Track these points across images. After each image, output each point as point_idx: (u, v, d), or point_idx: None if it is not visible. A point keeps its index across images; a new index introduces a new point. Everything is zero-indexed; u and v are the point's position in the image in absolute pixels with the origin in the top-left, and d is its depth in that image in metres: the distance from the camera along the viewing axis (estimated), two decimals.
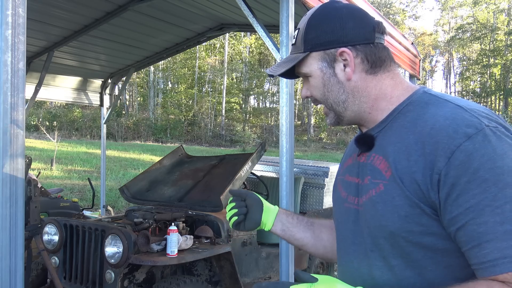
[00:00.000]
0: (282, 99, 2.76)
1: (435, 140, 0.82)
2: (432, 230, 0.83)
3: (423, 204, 0.83)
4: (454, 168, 0.78)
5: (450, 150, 0.79)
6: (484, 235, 0.76)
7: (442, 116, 0.85)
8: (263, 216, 1.28)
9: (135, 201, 3.80)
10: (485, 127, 0.80)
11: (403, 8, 47.23)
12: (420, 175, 0.83)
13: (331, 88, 0.98)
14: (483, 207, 0.76)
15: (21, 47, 1.71)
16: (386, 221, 0.87)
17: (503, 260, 0.74)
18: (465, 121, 0.81)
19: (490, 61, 37.63)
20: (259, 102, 43.24)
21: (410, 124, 0.90)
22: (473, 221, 0.77)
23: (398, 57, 4.96)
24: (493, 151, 0.77)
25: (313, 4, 2.94)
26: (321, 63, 0.98)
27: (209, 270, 3.37)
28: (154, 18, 4.90)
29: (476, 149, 0.77)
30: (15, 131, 1.71)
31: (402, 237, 0.86)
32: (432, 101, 0.91)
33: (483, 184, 0.76)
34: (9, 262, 1.69)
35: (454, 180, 0.78)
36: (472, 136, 0.79)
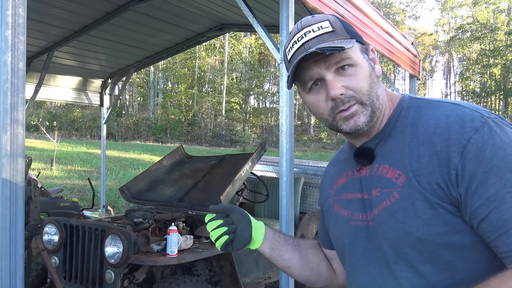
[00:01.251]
0: (282, 99, 2.76)
1: (444, 138, 0.83)
2: (458, 227, 0.83)
3: (445, 203, 0.82)
4: (469, 161, 0.79)
5: (462, 144, 0.80)
6: (510, 221, 0.75)
7: (443, 115, 0.86)
8: (252, 233, 1.14)
9: (135, 201, 3.80)
10: (487, 119, 0.82)
11: (403, 8, 47.25)
12: (437, 175, 0.83)
13: (374, 80, 0.94)
14: (504, 194, 0.76)
15: (21, 47, 1.71)
16: (410, 228, 0.85)
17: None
18: (468, 116, 0.83)
19: (490, 61, 37.63)
20: (259, 102, 43.24)
21: (409, 129, 0.91)
22: (496, 209, 0.77)
23: (398, 57, 4.96)
24: (500, 140, 0.79)
25: (313, 4, 2.94)
26: (364, 55, 0.95)
27: (209, 270, 3.37)
28: (154, 18, 4.90)
29: (485, 140, 0.79)
30: (15, 131, 1.71)
31: (429, 241, 0.84)
32: (424, 105, 0.93)
33: (499, 172, 0.77)
34: (9, 262, 1.69)
35: (471, 173, 0.79)
36: (479, 128, 0.81)
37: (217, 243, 1.11)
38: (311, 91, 0.95)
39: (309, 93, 0.96)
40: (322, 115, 0.95)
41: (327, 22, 0.93)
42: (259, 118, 39.09)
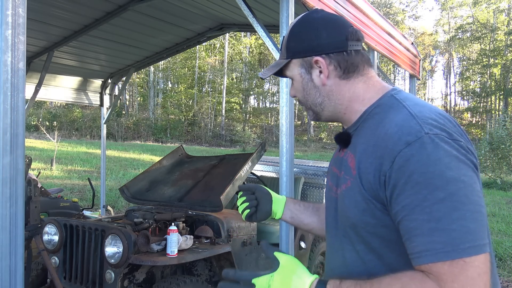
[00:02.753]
0: (282, 99, 2.76)
1: (384, 145, 0.93)
2: (385, 223, 0.94)
3: (375, 201, 0.94)
4: (395, 171, 0.89)
5: (393, 155, 0.89)
6: (414, 230, 0.86)
7: (394, 122, 0.95)
8: (273, 206, 1.40)
9: (135, 201, 3.79)
10: (424, 135, 0.88)
11: (403, 8, 47.25)
12: (372, 176, 0.94)
13: (309, 91, 1.12)
14: (414, 206, 0.86)
15: (21, 47, 1.71)
16: (349, 213, 1.00)
17: (426, 252, 0.84)
18: (408, 129, 0.91)
19: (490, 61, 37.62)
20: (259, 102, 43.24)
21: (374, 127, 1.01)
22: (406, 217, 0.87)
23: (398, 57, 4.96)
24: (427, 157, 0.86)
25: (313, 4, 2.94)
26: (300, 69, 1.11)
27: (209, 270, 3.37)
28: (154, 18, 4.90)
29: (412, 155, 0.87)
30: (15, 131, 1.71)
31: (361, 228, 0.98)
32: (394, 106, 1.01)
33: (416, 187, 0.85)
34: (9, 262, 1.69)
35: (395, 182, 0.89)
36: (411, 143, 0.88)
37: (242, 215, 1.39)
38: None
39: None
40: None
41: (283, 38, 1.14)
42: (259, 118, 39.09)
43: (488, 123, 36.06)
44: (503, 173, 15.50)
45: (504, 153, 15.52)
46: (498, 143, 15.87)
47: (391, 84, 6.64)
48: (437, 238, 0.82)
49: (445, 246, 0.82)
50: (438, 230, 0.82)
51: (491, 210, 9.61)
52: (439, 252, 0.82)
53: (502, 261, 5.71)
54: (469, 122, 41.47)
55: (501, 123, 17.60)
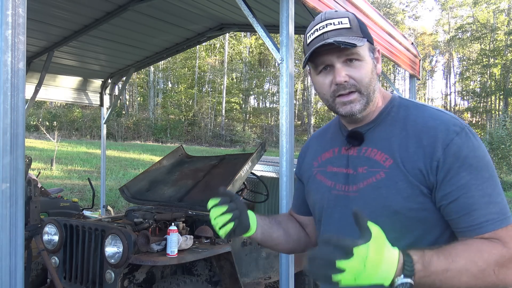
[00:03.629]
0: (282, 99, 2.76)
1: (431, 135, 1.04)
2: (426, 206, 1.05)
3: (422, 186, 1.04)
4: (449, 156, 1.02)
5: (445, 143, 1.02)
6: (472, 205, 1.00)
7: (429, 117, 1.08)
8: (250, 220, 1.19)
9: (135, 201, 3.79)
10: (465, 127, 1.06)
11: (403, 8, 47.24)
12: (421, 163, 1.04)
13: (374, 76, 1.13)
14: (471, 185, 1.00)
15: (21, 47, 1.71)
16: (390, 202, 1.06)
17: (487, 222, 0.99)
18: (451, 121, 1.06)
19: (490, 61, 37.61)
20: (259, 102, 43.24)
21: (400, 123, 1.11)
22: (464, 195, 1.01)
23: (398, 57, 4.96)
24: (472, 144, 1.03)
25: (313, 4, 2.94)
26: (370, 53, 1.13)
27: (209, 270, 3.37)
28: (154, 18, 4.90)
29: (463, 143, 1.03)
30: (15, 131, 1.71)
31: (403, 214, 1.06)
32: (412, 105, 1.14)
33: (469, 168, 1.01)
34: (9, 262, 1.69)
35: (449, 166, 1.02)
36: (459, 133, 1.04)
37: (221, 231, 1.14)
38: (320, 73, 1.13)
39: (318, 75, 1.14)
40: (325, 96, 1.14)
41: (346, 19, 1.11)
42: (259, 118, 39.09)
43: (488, 123, 36.07)
44: (503, 173, 15.50)
45: (504, 153, 15.53)
46: (498, 143, 15.88)
47: (391, 84, 6.62)
48: (492, 209, 1.00)
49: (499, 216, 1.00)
50: (491, 203, 1.00)
51: None
52: (497, 221, 0.99)
53: None
54: (469, 122, 41.46)
55: (501, 123, 17.61)
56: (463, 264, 0.95)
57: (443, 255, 0.95)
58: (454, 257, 0.95)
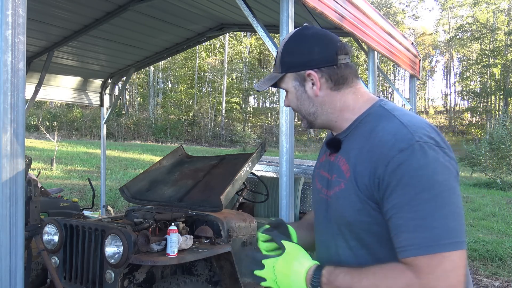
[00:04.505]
0: (282, 99, 2.76)
1: (379, 151, 1.03)
2: (379, 221, 1.04)
3: (370, 201, 1.04)
4: (388, 174, 0.99)
5: (387, 160, 1.00)
6: (400, 226, 0.97)
7: (387, 131, 1.05)
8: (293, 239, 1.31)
9: (135, 201, 3.79)
10: (415, 142, 0.99)
11: (403, 8, 47.24)
12: (367, 179, 1.04)
13: (303, 102, 1.21)
14: (403, 205, 0.97)
15: (21, 47, 1.71)
16: (345, 213, 1.10)
17: (410, 247, 0.94)
18: (401, 136, 1.02)
19: (490, 61, 37.61)
20: (259, 102, 43.25)
21: (367, 134, 1.10)
22: (395, 215, 0.98)
23: (398, 57, 4.96)
24: (417, 162, 0.97)
25: (313, 4, 2.94)
26: (294, 82, 1.20)
27: (209, 270, 3.37)
28: (154, 18, 4.90)
29: (404, 160, 0.98)
30: (15, 131, 1.71)
31: (356, 226, 1.08)
32: (385, 115, 1.11)
33: (405, 188, 0.97)
34: (9, 262, 1.69)
35: (387, 183, 0.99)
36: (404, 150, 0.99)
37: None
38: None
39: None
40: None
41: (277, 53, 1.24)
42: (259, 118, 39.10)
43: (488, 123, 36.06)
44: (503, 173, 15.49)
45: (504, 153, 15.51)
46: (498, 143, 15.87)
47: (391, 84, 6.63)
48: (420, 234, 0.93)
49: (427, 241, 0.93)
50: (422, 227, 0.94)
51: (491, 210, 9.62)
52: (420, 247, 0.93)
53: (502, 261, 5.71)
54: (469, 122, 41.47)
55: (501, 123, 17.60)
56: (366, 285, 0.98)
57: (350, 274, 1.02)
58: (360, 277, 1.00)
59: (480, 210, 9.72)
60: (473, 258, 5.83)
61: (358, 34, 3.77)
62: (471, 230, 7.54)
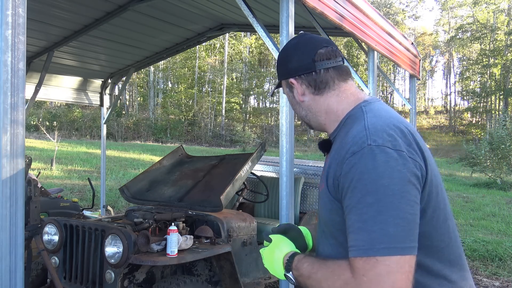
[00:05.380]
0: (282, 99, 2.76)
1: (340, 154, 1.07)
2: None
3: (337, 202, 1.07)
4: (342, 177, 1.04)
5: (343, 162, 1.04)
6: (348, 227, 1.01)
7: (352, 133, 1.09)
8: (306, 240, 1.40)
9: (135, 201, 3.79)
10: (366, 146, 1.01)
11: (403, 8, 47.23)
12: (332, 180, 1.09)
13: (294, 107, 1.33)
14: (351, 208, 1.00)
15: (21, 47, 1.71)
16: (321, 213, 1.17)
17: (351, 248, 0.98)
18: (357, 139, 1.04)
19: (490, 61, 37.61)
20: (259, 102, 43.25)
21: (343, 136, 1.14)
22: (347, 216, 1.02)
23: (398, 57, 4.96)
24: (364, 166, 0.99)
25: (313, 4, 2.94)
26: (286, 89, 1.32)
27: (209, 270, 3.37)
28: (154, 18, 4.90)
29: (354, 164, 1.01)
30: (15, 131, 1.71)
31: (330, 225, 1.13)
32: (359, 117, 1.14)
33: (354, 191, 1.00)
34: (9, 262, 1.69)
35: (342, 186, 1.04)
36: (356, 153, 1.02)
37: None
38: None
39: None
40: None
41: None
42: (259, 118, 39.10)
43: (488, 123, 36.06)
44: (503, 173, 15.48)
45: (504, 153, 15.50)
46: (498, 143, 15.86)
47: (391, 84, 6.63)
48: (360, 236, 0.97)
49: (364, 244, 0.95)
50: (362, 230, 0.97)
51: (491, 210, 9.62)
52: (359, 249, 0.96)
53: (502, 261, 5.71)
54: (469, 122, 41.46)
55: (501, 123, 17.59)
56: (319, 277, 1.05)
57: (311, 265, 1.10)
58: (318, 269, 1.07)
59: (480, 210, 9.72)
60: (473, 258, 5.83)
61: (358, 34, 3.77)
62: (471, 230, 7.54)
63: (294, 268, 1.15)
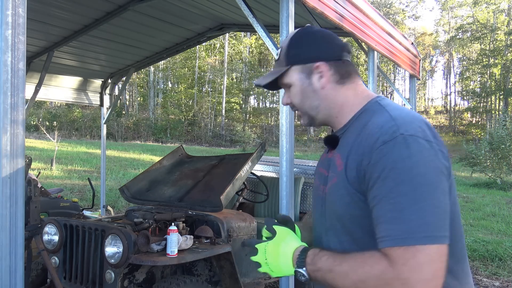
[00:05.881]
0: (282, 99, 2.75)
1: (366, 144, 1.05)
2: (368, 214, 1.03)
3: (358, 193, 1.05)
4: (371, 166, 1.01)
5: (371, 152, 1.02)
6: (379, 217, 0.99)
7: (376, 124, 1.07)
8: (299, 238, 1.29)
9: (135, 201, 3.79)
10: (399, 135, 1.00)
11: (403, 8, 47.24)
12: (355, 171, 1.06)
13: (307, 95, 1.22)
14: (382, 197, 0.98)
15: (21, 47, 1.71)
16: (336, 207, 1.12)
17: (386, 238, 0.96)
18: (386, 129, 1.03)
19: (490, 61, 37.61)
20: (259, 102, 43.25)
21: (360, 129, 1.12)
22: (376, 206, 1.00)
23: (398, 57, 4.96)
24: (398, 155, 0.98)
25: (313, 4, 2.94)
26: (300, 75, 1.22)
27: (209, 270, 3.37)
28: (154, 18, 4.90)
29: (386, 153, 0.99)
30: (15, 131, 1.71)
31: (347, 219, 1.10)
32: (377, 110, 1.14)
33: (386, 180, 0.98)
34: (9, 262, 1.69)
35: (370, 175, 1.01)
36: (387, 142, 1.00)
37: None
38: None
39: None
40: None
41: (280, 49, 1.24)
42: (259, 118, 39.10)
43: (488, 123, 36.05)
44: (503, 173, 15.49)
45: (504, 153, 15.51)
46: (498, 143, 15.87)
47: (391, 84, 6.63)
48: (396, 226, 0.95)
49: (401, 234, 0.94)
50: (397, 219, 0.95)
51: (491, 210, 9.62)
52: (396, 238, 0.94)
53: (502, 261, 5.71)
54: (469, 122, 41.46)
55: (501, 123, 17.60)
56: (345, 269, 1.01)
57: (332, 258, 1.05)
58: (341, 261, 1.03)
59: (480, 210, 9.72)
60: (473, 258, 5.83)
61: (358, 34, 3.77)
62: (471, 230, 7.54)
63: (310, 263, 1.08)
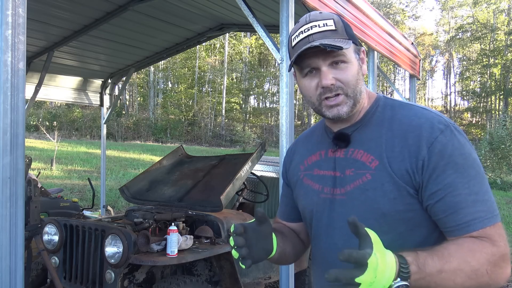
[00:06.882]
0: (282, 99, 2.76)
1: (416, 134, 1.03)
2: (414, 207, 1.04)
3: (408, 186, 1.03)
4: (434, 155, 1.00)
5: (430, 141, 1.01)
6: (459, 203, 0.99)
7: (414, 115, 1.07)
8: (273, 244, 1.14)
9: (135, 201, 3.79)
10: (450, 124, 1.04)
11: (403, 8, 47.23)
12: (407, 163, 1.03)
13: (360, 77, 1.12)
14: (457, 183, 0.99)
15: (21, 47, 1.71)
16: (378, 204, 1.05)
17: (475, 221, 0.98)
18: (436, 118, 1.05)
19: (490, 61, 37.60)
20: (259, 102, 43.24)
21: (386, 123, 1.10)
22: (450, 194, 0.99)
23: (398, 57, 4.96)
24: (458, 142, 1.02)
25: (313, 4, 2.94)
26: (355, 55, 1.12)
27: (209, 270, 3.37)
28: (154, 18, 4.90)
29: (448, 141, 1.01)
30: (15, 131, 1.71)
31: (391, 216, 1.05)
32: (397, 105, 1.14)
33: (455, 166, 1.00)
34: (9, 262, 1.69)
35: (435, 164, 1.00)
36: (444, 130, 1.02)
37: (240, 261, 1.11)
38: (306, 76, 1.12)
39: (304, 78, 1.12)
40: (311, 99, 1.13)
41: (331, 21, 1.09)
42: (259, 118, 39.09)
43: (488, 123, 36.07)
44: (503, 173, 15.50)
45: (504, 153, 15.52)
46: (498, 143, 15.88)
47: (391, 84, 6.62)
48: (480, 208, 0.98)
49: (487, 214, 0.98)
50: (478, 201, 0.98)
51: None
52: (485, 219, 0.98)
53: None
54: (469, 122, 41.46)
55: (501, 123, 17.61)
56: (456, 264, 0.93)
57: (436, 256, 0.93)
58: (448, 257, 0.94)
59: None
60: None
61: (358, 34, 3.77)
62: None
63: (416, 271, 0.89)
